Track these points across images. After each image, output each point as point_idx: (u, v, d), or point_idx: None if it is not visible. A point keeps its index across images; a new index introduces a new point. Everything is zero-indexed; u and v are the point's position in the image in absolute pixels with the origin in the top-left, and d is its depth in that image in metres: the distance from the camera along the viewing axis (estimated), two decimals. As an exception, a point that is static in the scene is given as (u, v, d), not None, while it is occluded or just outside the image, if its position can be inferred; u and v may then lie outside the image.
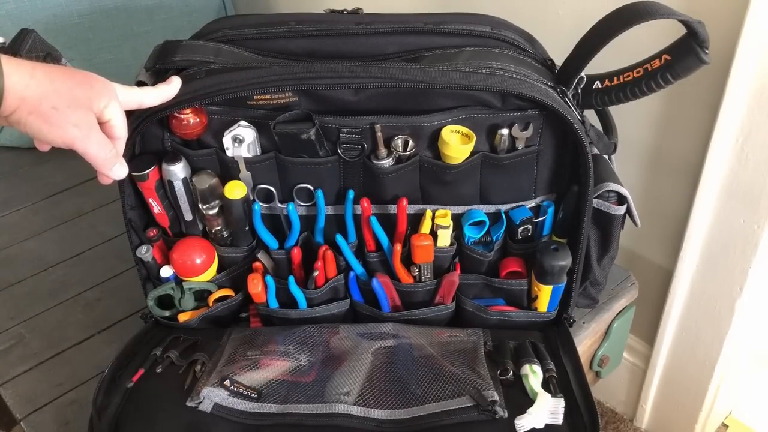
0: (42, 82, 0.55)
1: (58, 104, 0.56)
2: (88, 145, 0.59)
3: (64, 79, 0.57)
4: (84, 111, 0.58)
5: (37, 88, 0.55)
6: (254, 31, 0.78)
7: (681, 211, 0.99)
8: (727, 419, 1.25)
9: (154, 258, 0.80)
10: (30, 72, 0.54)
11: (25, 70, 0.54)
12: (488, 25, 0.77)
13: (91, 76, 0.60)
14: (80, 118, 0.57)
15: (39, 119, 0.55)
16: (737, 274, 0.96)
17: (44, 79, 0.55)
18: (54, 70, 0.57)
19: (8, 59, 0.53)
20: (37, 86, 0.55)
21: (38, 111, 0.55)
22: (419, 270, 0.77)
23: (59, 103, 0.56)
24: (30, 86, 0.54)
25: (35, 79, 0.54)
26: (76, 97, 0.57)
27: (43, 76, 0.55)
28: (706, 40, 0.65)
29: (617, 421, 1.26)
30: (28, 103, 0.54)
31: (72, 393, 0.87)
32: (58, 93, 0.56)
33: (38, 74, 0.55)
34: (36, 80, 0.54)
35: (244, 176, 0.76)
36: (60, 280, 1.07)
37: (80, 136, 0.58)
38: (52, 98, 0.55)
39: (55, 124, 0.56)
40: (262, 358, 0.74)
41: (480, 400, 0.67)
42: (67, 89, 0.56)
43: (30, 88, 0.54)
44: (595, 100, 0.74)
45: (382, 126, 0.70)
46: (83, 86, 0.58)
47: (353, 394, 0.69)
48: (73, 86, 0.57)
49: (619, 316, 0.97)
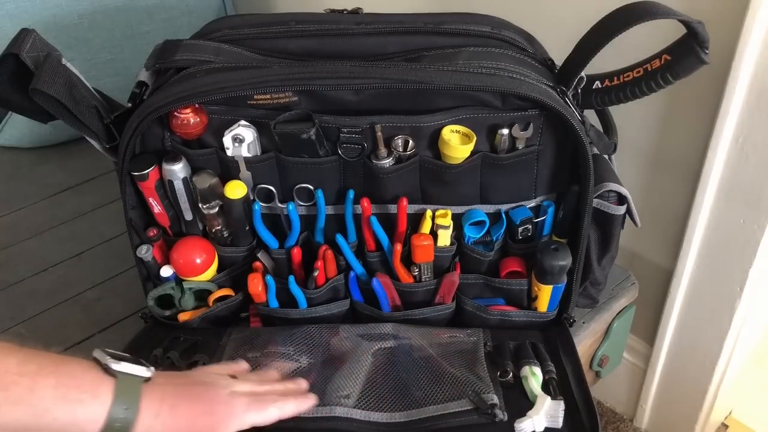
0: (166, 419, 0.54)
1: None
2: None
3: (187, 411, 0.56)
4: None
5: (160, 427, 0.54)
6: (254, 31, 0.78)
7: (681, 211, 0.99)
8: (727, 419, 1.25)
9: (155, 258, 0.80)
10: (156, 408, 0.53)
11: (152, 409, 0.53)
12: (488, 25, 0.77)
13: (215, 397, 0.58)
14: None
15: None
16: (737, 274, 0.96)
17: (168, 417, 0.54)
18: (179, 400, 0.55)
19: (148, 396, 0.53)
20: (160, 425, 0.54)
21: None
22: (419, 270, 0.77)
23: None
24: (153, 427, 0.53)
25: (159, 419, 0.53)
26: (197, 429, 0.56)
27: (168, 412, 0.54)
28: (706, 40, 0.65)
29: (617, 421, 1.26)
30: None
31: (72, 393, 0.86)
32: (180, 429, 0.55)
33: (164, 409, 0.54)
34: (160, 419, 0.54)
35: (245, 176, 0.76)
36: (60, 280, 1.07)
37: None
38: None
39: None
40: (263, 360, 0.74)
41: (480, 403, 0.67)
42: (189, 423, 0.55)
43: (153, 428, 0.53)
44: (595, 100, 0.74)
45: (382, 126, 0.70)
46: (206, 417, 0.57)
47: (353, 397, 0.69)
48: (196, 419, 0.56)
49: (619, 316, 0.97)
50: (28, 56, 0.68)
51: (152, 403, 0.53)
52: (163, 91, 0.71)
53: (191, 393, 0.57)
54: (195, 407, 0.56)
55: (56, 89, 0.67)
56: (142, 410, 0.52)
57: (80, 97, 0.71)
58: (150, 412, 0.53)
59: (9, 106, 0.71)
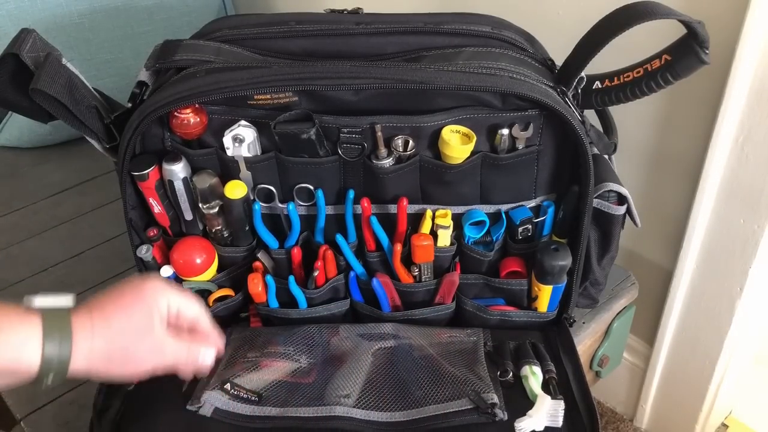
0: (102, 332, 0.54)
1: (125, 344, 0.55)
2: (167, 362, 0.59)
3: (119, 313, 0.56)
4: (149, 333, 0.57)
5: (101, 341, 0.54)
6: (254, 31, 0.78)
7: (681, 211, 0.99)
8: (727, 419, 1.25)
9: (155, 258, 0.80)
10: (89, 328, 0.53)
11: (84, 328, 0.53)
12: (488, 25, 0.77)
13: (136, 286, 0.58)
14: (152, 342, 0.57)
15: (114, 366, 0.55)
16: (737, 274, 0.96)
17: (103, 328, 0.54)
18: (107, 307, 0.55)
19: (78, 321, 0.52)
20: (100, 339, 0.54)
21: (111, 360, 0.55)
22: (419, 270, 0.77)
23: (126, 342, 0.55)
24: (94, 342, 0.53)
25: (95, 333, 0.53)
26: (138, 325, 0.56)
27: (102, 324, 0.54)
28: (706, 40, 0.65)
29: (617, 421, 1.26)
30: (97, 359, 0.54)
31: (72, 393, 0.87)
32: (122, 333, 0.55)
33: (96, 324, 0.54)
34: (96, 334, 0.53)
35: (245, 176, 0.76)
36: (60, 280, 1.07)
37: (158, 360, 0.58)
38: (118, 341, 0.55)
39: (132, 361, 0.56)
40: (263, 360, 0.74)
41: (480, 402, 0.67)
42: (127, 323, 0.56)
43: (95, 343, 0.53)
44: (595, 100, 0.74)
45: (382, 126, 0.70)
46: (137, 307, 0.57)
47: (353, 397, 0.69)
48: (130, 315, 0.56)
49: (619, 316, 0.97)
50: (28, 56, 0.68)
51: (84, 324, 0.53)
52: (163, 91, 0.71)
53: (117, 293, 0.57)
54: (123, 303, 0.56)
55: (56, 89, 0.67)
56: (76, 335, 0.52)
57: (80, 97, 0.71)
58: (84, 334, 0.53)
59: (9, 106, 0.71)
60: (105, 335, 0.54)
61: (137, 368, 0.57)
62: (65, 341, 0.51)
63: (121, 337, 0.55)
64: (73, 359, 0.52)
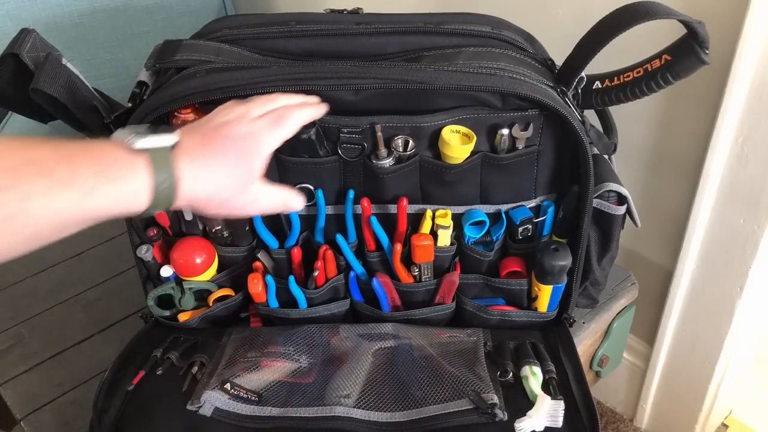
0: (206, 184, 0.55)
1: (228, 196, 0.57)
2: (261, 209, 0.63)
3: (223, 165, 0.56)
4: (249, 185, 0.59)
5: (204, 191, 0.55)
6: (254, 31, 0.78)
7: (681, 211, 0.99)
8: (727, 419, 1.25)
9: (155, 258, 0.80)
10: (193, 176, 0.53)
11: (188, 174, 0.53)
12: (488, 25, 0.77)
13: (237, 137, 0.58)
14: (249, 193, 0.59)
15: (212, 210, 0.57)
16: (737, 274, 0.96)
17: (207, 177, 0.54)
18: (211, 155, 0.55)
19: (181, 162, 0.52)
20: (203, 189, 0.54)
21: (210, 206, 0.56)
22: (419, 270, 0.77)
23: (229, 194, 0.57)
24: (198, 190, 0.54)
25: (200, 184, 0.54)
26: (240, 179, 0.58)
27: (205, 172, 0.54)
28: (706, 40, 0.65)
29: (617, 421, 1.26)
30: (199, 201, 0.55)
31: (72, 393, 0.87)
32: (224, 186, 0.56)
33: (201, 171, 0.54)
34: (201, 184, 0.54)
35: (244, 176, 0.76)
36: (60, 280, 1.07)
37: (254, 208, 0.61)
38: (221, 193, 0.56)
39: (231, 208, 0.58)
40: (263, 360, 0.74)
41: (479, 402, 0.67)
42: (230, 177, 0.56)
43: (198, 191, 0.54)
44: (595, 100, 0.74)
45: (382, 126, 0.70)
46: (240, 162, 0.57)
47: (353, 397, 0.69)
48: (234, 169, 0.57)
49: (619, 316, 0.97)
50: (28, 56, 0.68)
51: (187, 168, 0.53)
52: (163, 91, 0.71)
53: (218, 142, 0.57)
54: (226, 158, 0.56)
55: (56, 89, 0.67)
56: (182, 178, 0.52)
57: (80, 97, 0.71)
58: (187, 179, 0.53)
59: (9, 106, 0.71)
60: (208, 185, 0.55)
61: (236, 213, 0.59)
62: (170, 186, 0.51)
63: (222, 189, 0.56)
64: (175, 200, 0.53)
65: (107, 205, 0.48)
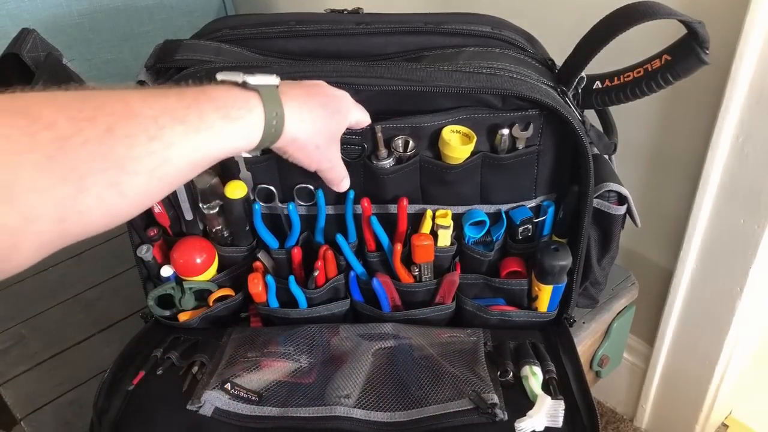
0: (309, 125, 0.58)
1: (320, 143, 0.61)
2: (333, 173, 0.66)
3: (323, 114, 0.60)
4: (335, 142, 0.64)
5: (305, 132, 0.58)
6: (255, 31, 0.78)
7: (681, 211, 0.99)
8: (727, 419, 1.25)
9: (155, 257, 0.80)
10: (299, 115, 0.57)
11: (295, 114, 0.56)
12: (488, 24, 0.77)
13: (335, 97, 0.63)
14: (333, 153, 0.64)
15: (303, 154, 0.60)
16: (737, 274, 0.96)
17: (310, 122, 0.58)
18: (315, 106, 0.59)
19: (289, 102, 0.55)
20: (305, 129, 0.58)
21: (305, 149, 0.59)
22: (419, 270, 0.77)
23: (321, 142, 0.61)
24: (300, 129, 0.57)
25: (304, 123, 0.57)
26: (332, 132, 0.62)
27: (309, 118, 0.58)
28: (706, 40, 0.65)
29: (617, 421, 1.26)
30: (298, 142, 0.58)
31: (72, 393, 0.87)
32: (321, 132, 0.60)
33: (305, 116, 0.58)
34: (305, 124, 0.57)
35: (245, 176, 0.76)
36: (60, 280, 1.07)
37: (330, 167, 0.65)
38: (317, 138, 0.60)
39: (314, 158, 0.62)
40: (263, 360, 0.74)
41: (480, 402, 0.67)
42: (326, 126, 0.61)
43: (300, 131, 0.57)
44: (595, 100, 0.74)
45: (382, 126, 0.70)
46: (335, 117, 0.62)
47: (353, 397, 0.69)
48: (330, 120, 0.61)
49: (619, 316, 0.97)
50: (28, 56, 0.68)
51: (293, 109, 0.56)
52: (163, 91, 0.71)
53: (318, 95, 0.61)
54: (325, 109, 0.60)
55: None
56: (288, 116, 0.55)
57: (80, 97, 0.71)
58: (293, 117, 0.56)
59: (9, 105, 0.71)
60: (309, 129, 0.58)
61: (315, 165, 0.63)
62: (279, 123, 0.55)
63: (318, 135, 0.60)
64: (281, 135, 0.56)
65: (230, 143, 0.50)
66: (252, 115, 0.52)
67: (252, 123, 0.52)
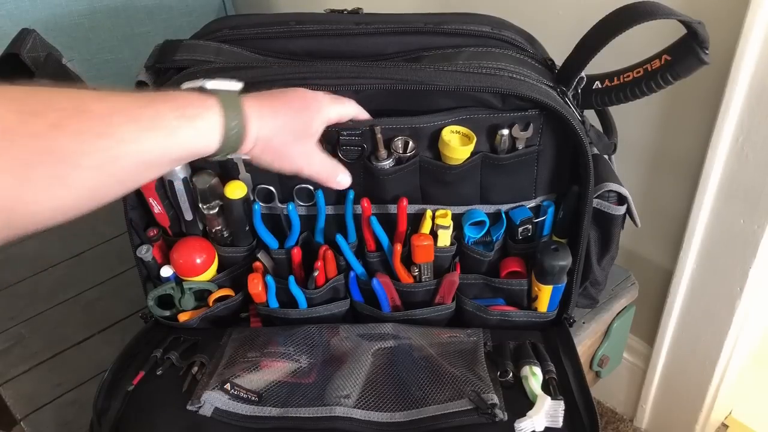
0: (269, 121, 0.58)
1: (285, 139, 0.60)
2: (312, 170, 0.65)
3: (286, 111, 0.60)
4: (306, 138, 0.62)
5: (267, 129, 0.57)
6: (254, 31, 0.78)
7: (681, 211, 0.99)
8: (727, 419, 1.25)
9: (155, 258, 0.80)
10: (258, 113, 0.57)
11: (255, 113, 0.56)
12: (488, 25, 0.77)
13: (304, 95, 0.63)
14: (304, 147, 0.62)
15: (269, 155, 0.60)
16: (737, 274, 0.96)
17: (270, 118, 0.58)
18: (276, 103, 0.59)
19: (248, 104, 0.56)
20: (266, 127, 0.57)
21: (270, 148, 0.59)
22: (419, 270, 0.77)
23: (286, 138, 0.60)
24: (261, 128, 0.57)
25: (263, 120, 0.57)
26: (299, 128, 0.61)
27: (269, 114, 0.58)
28: (706, 40, 0.65)
29: (617, 421, 1.26)
30: (260, 142, 0.57)
31: (72, 393, 0.87)
32: (284, 128, 0.59)
33: (265, 113, 0.57)
34: (264, 121, 0.57)
35: (244, 176, 0.76)
36: (60, 280, 1.07)
37: (306, 164, 0.63)
38: (280, 135, 0.59)
39: (285, 157, 0.61)
40: (263, 360, 0.74)
41: (479, 403, 0.67)
42: (290, 121, 0.60)
43: (262, 129, 0.57)
44: (595, 100, 0.74)
45: (381, 127, 0.70)
46: (302, 113, 0.61)
47: (353, 397, 0.69)
48: (295, 116, 0.60)
49: (619, 316, 0.97)
50: (28, 56, 0.68)
51: (253, 109, 0.56)
52: (163, 92, 0.71)
53: (282, 94, 0.61)
54: (290, 105, 0.60)
55: (56, 89, 0.67)
56: (248, 117, 0.55)
57: (80, 97, 0.71)
58: (254, 117, 0.56)
59: (9, 106, 0.71)
60: (270, 126, 0.58)
61: (288, 165, 0.62)
62: (240, 125, 0.55)
63: (282, 131, 0.59)
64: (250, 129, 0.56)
65: (186, 144, 0.51)
66: (209, 114, 0.52)
67: (210, 123, 0.52)
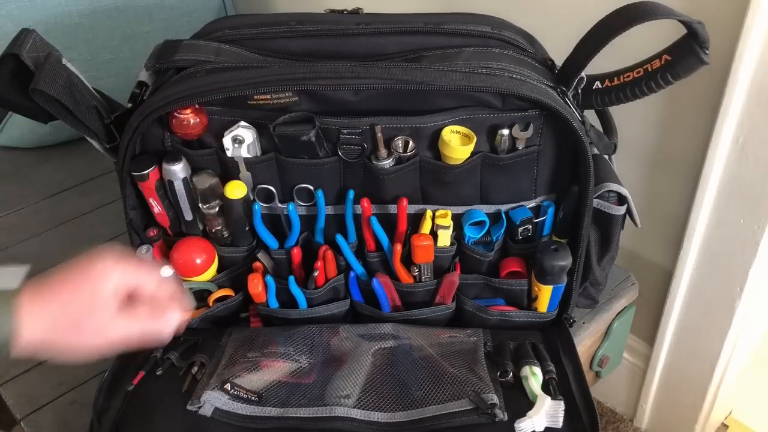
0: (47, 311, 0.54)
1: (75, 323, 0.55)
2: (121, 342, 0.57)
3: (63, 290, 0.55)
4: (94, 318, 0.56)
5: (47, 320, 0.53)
6: (254, 31, 0.78)
7: (681, 211, 0.99)
8: (727, 419, 1.25)
9: (155, 258, 0.80)
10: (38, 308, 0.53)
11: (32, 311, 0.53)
12: (488, 25, 0.77)
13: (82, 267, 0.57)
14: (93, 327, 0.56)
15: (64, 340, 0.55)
16: (737, 274, 0.96)
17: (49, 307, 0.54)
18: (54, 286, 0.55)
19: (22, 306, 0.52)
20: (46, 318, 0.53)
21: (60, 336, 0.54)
22: (419, 270, 0.77)
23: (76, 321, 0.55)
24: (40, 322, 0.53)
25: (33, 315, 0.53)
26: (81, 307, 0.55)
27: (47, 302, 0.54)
28: (706, 40, 0.65)
29: (617, 421, 1.26)
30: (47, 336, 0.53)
31: (72, 393, 0.87)
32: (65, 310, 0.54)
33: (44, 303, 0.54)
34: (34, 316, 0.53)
35: (244, 176, 0.76)
36: (60, 280, 1.07)
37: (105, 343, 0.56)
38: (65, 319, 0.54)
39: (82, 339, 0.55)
40: (263, 360, 0.74)
41: (479, 403, 0.67)
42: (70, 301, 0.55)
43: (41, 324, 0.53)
44: (595, 100, 0.74)
45: (382, 127, 0.70)
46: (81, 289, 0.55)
47: (353, 397, 0.69)
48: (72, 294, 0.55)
49: (619, 316, 0.97)
50: (28, 56, 0.68)
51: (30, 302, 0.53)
52: (163, 92, 0.71)
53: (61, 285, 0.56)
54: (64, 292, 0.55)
55: (56, 89, 0.67)
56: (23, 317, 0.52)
57: (80, 97, 0.71)
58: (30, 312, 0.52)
59: (9, 106, 0.71)
60: (51, 308, 0.54)
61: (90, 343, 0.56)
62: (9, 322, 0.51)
63: (65, 309, 0.54)
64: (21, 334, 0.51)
65: None
66: None
67: None
